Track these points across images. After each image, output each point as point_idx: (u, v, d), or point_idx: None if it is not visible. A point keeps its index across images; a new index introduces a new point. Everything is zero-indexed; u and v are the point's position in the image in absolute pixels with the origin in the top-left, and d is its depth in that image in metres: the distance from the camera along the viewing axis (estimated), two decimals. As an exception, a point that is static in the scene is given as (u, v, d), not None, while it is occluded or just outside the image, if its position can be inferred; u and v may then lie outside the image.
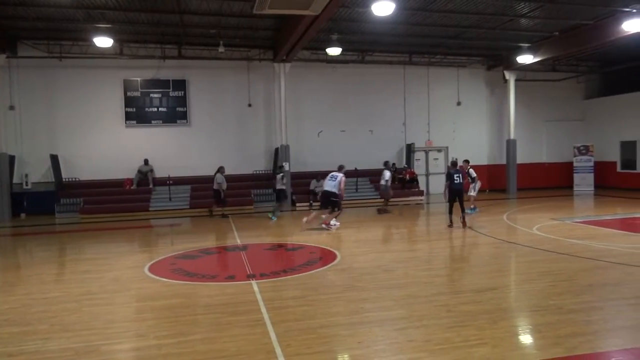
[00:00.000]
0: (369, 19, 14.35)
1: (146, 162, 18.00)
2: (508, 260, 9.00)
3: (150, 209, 16.87)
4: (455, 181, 11.91)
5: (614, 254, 8.51)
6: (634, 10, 13.18)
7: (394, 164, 19.77)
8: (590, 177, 20.95)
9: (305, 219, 12.40)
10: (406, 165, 19.93)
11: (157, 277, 7.71)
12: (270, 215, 14.55)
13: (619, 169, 21.35)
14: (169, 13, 14.31)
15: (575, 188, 21.05)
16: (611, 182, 21.28)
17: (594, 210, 15.45)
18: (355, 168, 19.30)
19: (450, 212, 12.30)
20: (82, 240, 12.37)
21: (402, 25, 15.62)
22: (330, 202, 12.34)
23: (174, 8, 13.84)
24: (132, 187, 17.70)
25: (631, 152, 20.75)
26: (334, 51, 16.27)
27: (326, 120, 19.68)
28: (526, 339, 5.06)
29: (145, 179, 17.91)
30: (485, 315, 5.48)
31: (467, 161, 14.41)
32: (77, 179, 17.52)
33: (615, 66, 20.38)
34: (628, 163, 20.96)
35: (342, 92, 19.80)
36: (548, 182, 21.79)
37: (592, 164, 20.99)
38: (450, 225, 12.12)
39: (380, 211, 15.25)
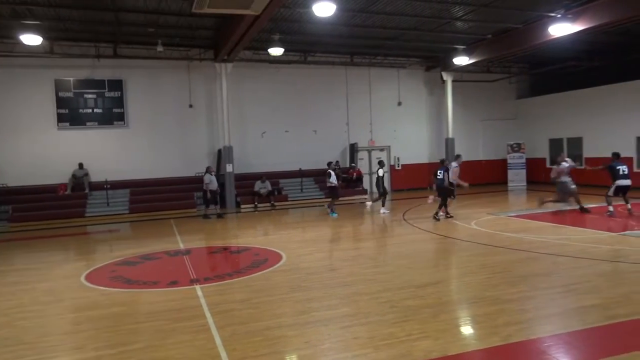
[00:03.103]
0: (311, 19, 14.39)
1: (81, 166, 17.17)
2: (448, 255, 9.33)
3: (87, 214, 16.11)
4: (438, 177, 12.96)
5: (544, 245, 9.01)
6: (559, 16, 14.00)
7: (337, 162, 20.00)
8: (522, 173, 22.10)
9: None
10: (353, 165, 20.19)
11: (95, 286, 7.39)
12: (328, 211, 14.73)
13: (548, 165, 22.61)
14: (103, 10, 13.71)
15: (509, 184, 22.12)
16: (541, 178, 22.51)
17: (527, 205, 16.26)
18: (300, 168, 19.36)
19: (445, 206, 13.05)
20: (12, 250, 11.63)
21: (343, 26, 15.78)
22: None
23: (108, 5, 13.29)
24: (66, 193, 16.82)
25: (559, 149, 22.02)
26: (276, 51, 16.19)
27: (270, 120, 19.57)
28: (466, 330, 5.26)
29: (81, 183, 17.09)
30: (427, 309, 5.65)
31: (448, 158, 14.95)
32: (5, 186, 16.44)
33: (543, 68, 21.55)
34: (556, 159, 22.21)
35: (285, 92, 19.76)
36: (485, 179, 22.73)
37: (524, 160, 22.14)
38: (449, 216, 12.98)
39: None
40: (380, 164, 15.03)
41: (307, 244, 10.56)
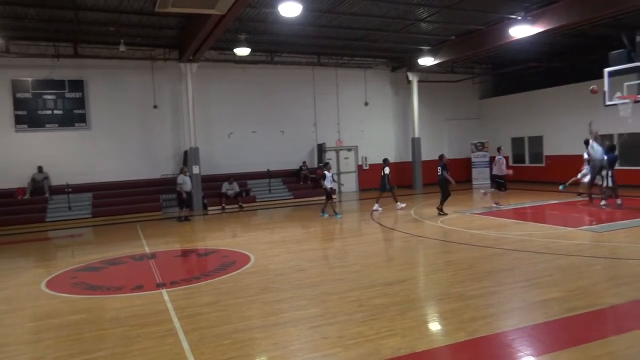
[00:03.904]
0: (277, 19, 14.35)
1: (40, 169, 16.60)
2: (416, 252, 9.46)
3: (47, 219, 15.60)
4: (439, 173, 13.41)
5: (508, 241, 9.25)
6: (519, 18, 14.41)
7: (304, 162, 20.04)
8: (486, 172, 22.52)
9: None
10: (321, 164, 20.21)
11: (56, 293, 7.16)
12: (333, 214, 14.43)
13: (510, 163, 23.20)
14: (62, 9, 13.31)
15: (473, 182, 22.60)
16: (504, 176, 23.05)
17: (491, 202, 16.64)
18: (268, 169, 19.27)
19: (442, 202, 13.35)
20: (-33, 257, 11.14)
21: (310, 26, 15.81)
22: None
23: (67, 3, 12.91)
24: (24, 197, 16.24)
25: (520, 148, 22.70)
26: (242, 51, 16.06)
27: (237, 121, 19.41)
28: (433, 326, 5.34)
29: (40, 187, 16.52)
30: (395, 307, 5.71)
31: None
32: (-42, 190, 15.78)
33: (505, 68, 22.13)
34: (518, 157, 22.90)
35: (252, 92, 19.63)
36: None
37: (487, 159, 22.62)
38: (442, 213, 13.18)
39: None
40: (385, 161, 15.14)
41: (275, 245, 10.52)
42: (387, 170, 14.86)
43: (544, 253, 8.14)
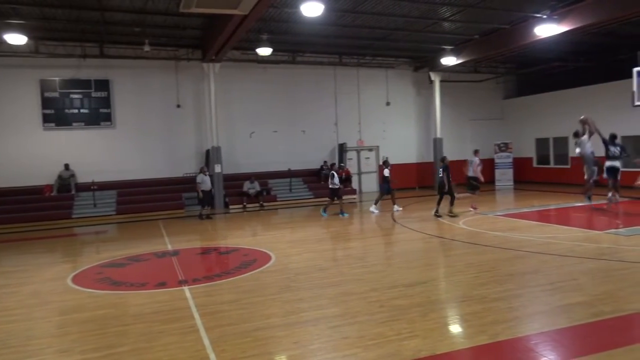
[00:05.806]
0: (299, 19, 14.38)
1: (67, 166, 16.98)
2: (437, 254, 9.38)
3: (73, 216, 15.93)
4: (439, 175, 13.41)
5: (531, 244, 9.10)
6: (545, 17, 14.15)
7: (325, 162, 20.04)
8: (509, 173, 22.27)
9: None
10: (342, 165, 20.21)
11: (82, 288, 7.31)
12: (322, 212, 14.75)
13: (534, 164, 22.86)
14: (89, 10, 13.58)
15: (496, 183, 22.29)
16: (528, 177, 22.74)
17: (514, 204, 16.42)
18: (289, 168, 19.34)
19: (438, 203, 13.36)
20: (-4, 252, 11.47)
21: (332, 26, 15.80)
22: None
23: (94, 5, 13.17)
24: (52, 194, 16.63)
25: (545, 149, 22.30)
26: (264, 51, 16.17)
27: (258, 120, 19.53)
28: (454, 328, 5.30)
29: (67, 184, 16.90)
30: (416, 309, 5.68)
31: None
32: (-11, 187, 16.23)
33: (530, 68, 21.77)
34: (543, 159, 22.51)
35: (273, 92, 19.72)
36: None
37: (511, 160, 22.32)
38: (437, 215, 13.11)
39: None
40: (386, 163, 15.09)
41: (296, 244, 10.56)
42: (386, 172, 14.76)
43: (568, 256, 7.98)
